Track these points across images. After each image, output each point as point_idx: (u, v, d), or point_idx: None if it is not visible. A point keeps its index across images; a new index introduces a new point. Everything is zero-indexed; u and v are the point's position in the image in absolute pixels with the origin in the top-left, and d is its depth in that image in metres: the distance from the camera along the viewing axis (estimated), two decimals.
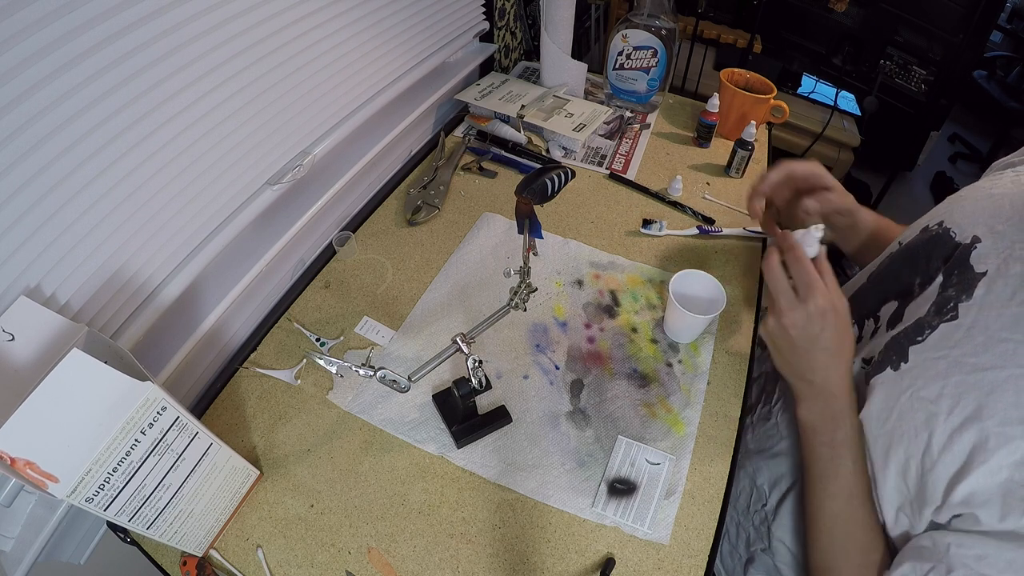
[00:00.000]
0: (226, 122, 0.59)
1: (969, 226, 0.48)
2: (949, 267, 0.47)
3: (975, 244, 0.46)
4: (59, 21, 0.42)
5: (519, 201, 0.54)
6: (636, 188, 0.90)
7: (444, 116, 1.07)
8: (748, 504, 0.65)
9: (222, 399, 0.61)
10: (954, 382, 0.41)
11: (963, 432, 0.40)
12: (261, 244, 0.70)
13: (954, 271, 0.46)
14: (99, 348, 0.42)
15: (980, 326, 0.42)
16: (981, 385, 0.40)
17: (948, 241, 0.49)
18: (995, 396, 0.39)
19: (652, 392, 0.63)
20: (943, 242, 0.50)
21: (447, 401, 0.60)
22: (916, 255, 0.53)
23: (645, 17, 0.97)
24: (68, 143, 0.44)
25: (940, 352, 0.43)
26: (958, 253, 0.47)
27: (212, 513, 0.49)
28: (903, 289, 0.52)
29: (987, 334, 0.41)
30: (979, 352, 0.41)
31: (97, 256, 0.50)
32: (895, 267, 0.56)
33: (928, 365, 0.44)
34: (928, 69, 2.05)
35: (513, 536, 0.52)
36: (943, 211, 0.54)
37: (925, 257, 0.51)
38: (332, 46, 0.71)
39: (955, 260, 0.47)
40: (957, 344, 0.42)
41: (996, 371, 0.39)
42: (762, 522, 0.63)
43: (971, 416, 0.40)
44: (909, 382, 0.44)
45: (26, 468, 0.34)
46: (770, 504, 0.61)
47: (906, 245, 0.56)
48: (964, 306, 0.44)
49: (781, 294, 0.51)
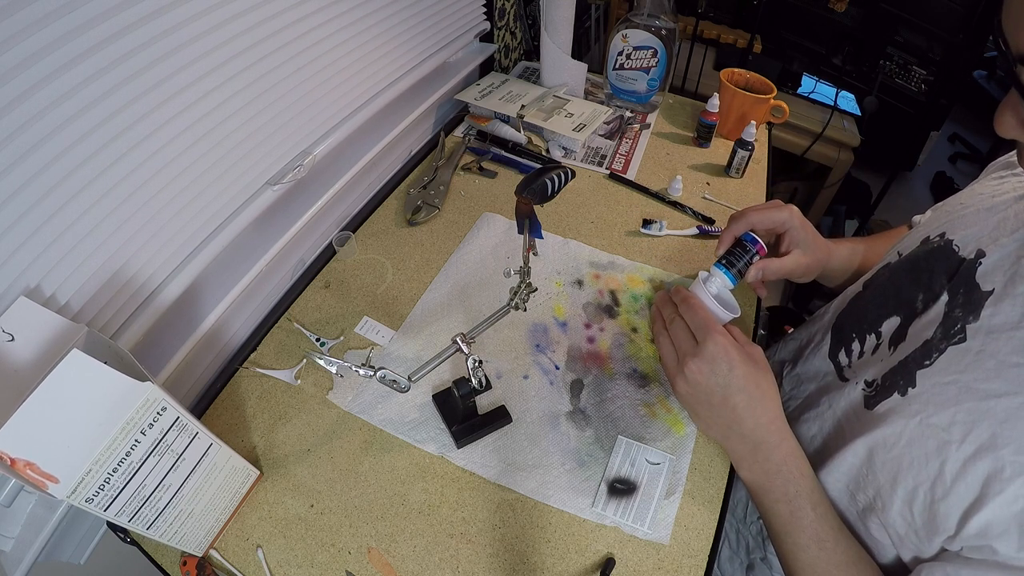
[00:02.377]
0: (226, 122, 0.59)
1: (972, 239, 0.47)
2: (954, 285, 0.46)
3: (979, 260, 0.45)
4: (59, 21, 0.42)
5: (519, 201, 0.54)
6: (636, 188, 0.90)
7: (444, 116, 1.07)
8: (745, 514, 0.65)
9: (222, 399, 0.61)
10: (966, 409, 0.40)
11: (977, 461, 0.38)
12: (261, 244, 0.70)
13: (960, 289, 0.45)
14: (99, 348, 0.42)
15: (990, 351, 0.41)
16: (995, 413, 0.39)
17: (951, 255, 0.48)
18: (1009, 424, 0.38)
19: (652, 392, 0.63)
20: (946, 256, 0.48)
21: (447, 401, 0.60)
22: (918, 268, 0.51)
23: (645, 17, 0.97)
24: (68, 143, 0.44)
25: (950, 377, 0.42)
26: (963, 269, 0.46)
27: (212, 513, 0.49)
28: (905, 304, 0.51)
29: (997, 359, 0.40)
30: (990, 378, 0.40)
31: (97, 256, 0.50)
32: (896, 280, 0.54)
33: (938, 391, 0.42)
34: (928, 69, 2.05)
35: (513, 536, 0.52)
36: (943, 221, 0.52)
37: (928, 271, 0.50)
38: (332, 46, 0.71)
39: (960, 277, 0.46)
40: (967, 369, 0.41)
41: (1009, 398, 0.38)
42: (759, 532, 0.63)
43: (985, 445, 0.38)
44: (918, 408, 0.43)
45: (26, 468, 0.34)
46: None
47: (906, 257, 0.54)
48: (972, 328, 0.42)
49: (683, 342, 0.50)
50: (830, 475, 0.49)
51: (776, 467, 0.48)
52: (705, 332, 0.48)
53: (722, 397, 0.48)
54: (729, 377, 0.48)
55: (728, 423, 0.49)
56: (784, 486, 0.47)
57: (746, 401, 0.48)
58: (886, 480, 0.44)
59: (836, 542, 0.46)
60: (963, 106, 2.77)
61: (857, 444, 0.47)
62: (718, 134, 1.02)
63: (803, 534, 0.46)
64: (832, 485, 0.49)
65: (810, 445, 0.53)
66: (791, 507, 0.47)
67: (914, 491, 0.42)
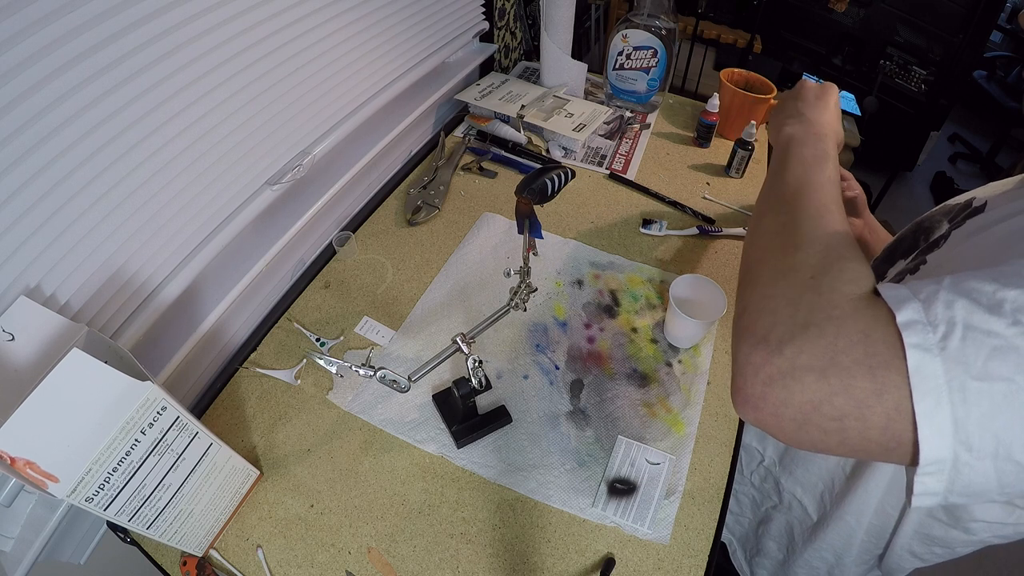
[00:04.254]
0: (226, 122, 0.59)
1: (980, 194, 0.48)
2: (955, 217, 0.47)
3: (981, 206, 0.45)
4: (59, 21, 0.42)
5: (519, 201, 0.54)
6: (636, 188, 0.90)
7: (444, 116, 1.07)
8: (741, 469, 0.64)
9: (222, 399, 0.61)
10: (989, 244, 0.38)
11: None
12: (261, 244, 0.70)
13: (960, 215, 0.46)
14: (99, 348, 0.42)
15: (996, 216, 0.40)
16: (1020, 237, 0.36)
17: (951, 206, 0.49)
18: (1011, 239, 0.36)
19: (652, 392, 0.63)
20: (946, 210, 0.50)
21: (447, 401, 0.60)
22: (919, 225, 0.52)
23: (645, 17, 0.97)
24: (68, 143, 0.44)
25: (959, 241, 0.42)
26: (961, 209, 0.46)
27: (212, 513, 0.49)
28: (908, 249, 0.51)
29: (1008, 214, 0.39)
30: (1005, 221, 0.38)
31: (97, 256, 0.50)
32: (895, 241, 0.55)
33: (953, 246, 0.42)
34: (928, 69, 2.05)
35: (513, 536, 0.52)
36: None
37: (928, 223, 0.50)
38: (332, 46, 0.71)
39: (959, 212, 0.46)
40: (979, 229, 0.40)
41: None
42: (764, 479, 0.62)
43: None
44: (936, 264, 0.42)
45: (26, 468, 0.34)
46: (768, 457, 0.60)
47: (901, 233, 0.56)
48: (973, 221, 0.42)
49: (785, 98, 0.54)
50: None
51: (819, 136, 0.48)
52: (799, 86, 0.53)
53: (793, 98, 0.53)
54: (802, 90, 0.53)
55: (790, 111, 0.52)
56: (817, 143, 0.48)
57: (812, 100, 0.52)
58: None
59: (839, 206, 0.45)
60: (963, 106, 2.77)
61: None
62: (718, 134, 1.02)
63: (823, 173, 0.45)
64: None
65: None
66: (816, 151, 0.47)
67: None
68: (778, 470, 0.58)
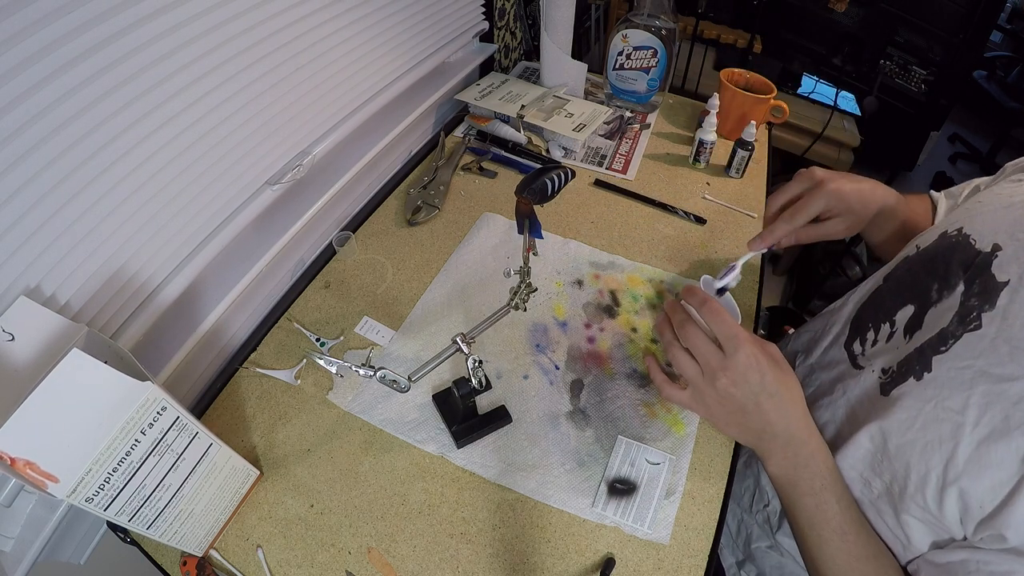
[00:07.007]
0: (226, 122, 0.59)
1: (989, 234, 0.48)
2: (970, 275, 0.47)
3: (996, 252, 0.46)
4: (59, 21, 0.42)
5: (519, 201, 0.54)
6: (623, 193, 0.89)
7: (444, 116, 1.07)
8: (751, 503, 0.65)
9: (222, 399, 0.61)
10: (980, 392, 0.41)
11: (991, 443, 0.39)
12: (261, 244, 0.70)
13: (975, 279, 0.46)
14: (99, 348, 0.42)
15: (1004, 336, 0.41)
16: (1008, 395, 0.39)
17: (968, 248, 0.49)
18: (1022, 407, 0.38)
19: (652, 392, 0.63)
20: (963, 248, 0.49)
21: (447, 401, 0.60)
22: (935, 260, 0.52)
23: (645, 17, 0.97)
24: (68, 143, 0.44)
25: (965, 362, 0.43)
26: (979, 261, 0.47)
27: (212, 513, 0.49)
28: (921, 294, 0.51)
29: (1012, 344, 0.41)
30: (1004, 362, 0.40)
31: (97, 256, 0.50)
32: (913, 271, 0.55)
33: (953, 375, 0.43)
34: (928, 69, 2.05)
35: (513, 536, 0.52)
36: (962, 216, 0.53)
37: (944, 263, 0.50)
38: (331, 46, 0.71)
39: (976, 268, 0.47)
40: (982, 354, 0.42)
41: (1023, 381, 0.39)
42: (765, 521, 0.63)
43: (999, 428, 0.39)
44: (933, 392, 0.44)
45: (26, 468, 0.34)
46: (772, 507, 0.61)
47: (924, 250, 0.55)
48: (987, 316, 0.43)
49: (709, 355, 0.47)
50: (844, 461, 0.49)
51: (804, 461, 0.48)
52: (735, 342, 0.47)
53: (755, 404, 0.48)
54: (761, 384, 0.47)
55: (761, 427, 0.49)
56: (811, 480, 0.48)
57: (777, 404, 0.48)
58: (900, 466, 0.44)
59: (858, 535, 0.46)
60: (963, 106, 2.77)
61: (872, 428, 0.47)
62: (718, 134, 1.02)
63: (827, 527, 0.47)
64: (846, 472, 0.49)
65: (824, 433, 0.54)
66: (816, 500, 0.47)
67: (926, 475, 0.42)
68: (775, 523, 0.59)
